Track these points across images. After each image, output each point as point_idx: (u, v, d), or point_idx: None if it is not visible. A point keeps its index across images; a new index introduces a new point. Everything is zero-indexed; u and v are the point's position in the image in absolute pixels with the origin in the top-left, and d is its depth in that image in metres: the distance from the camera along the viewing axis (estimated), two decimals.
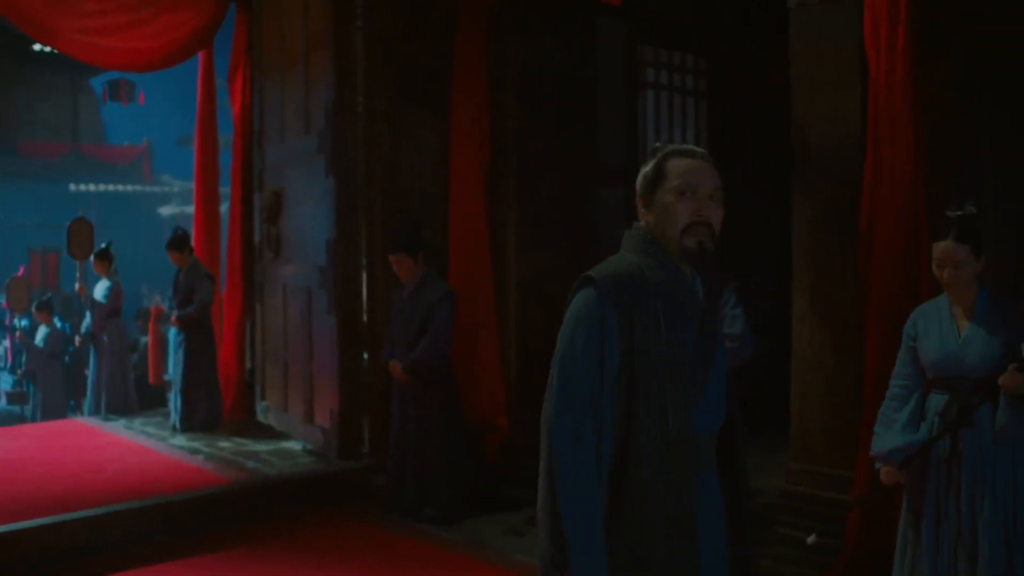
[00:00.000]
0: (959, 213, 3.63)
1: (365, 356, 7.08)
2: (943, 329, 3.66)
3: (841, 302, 5.12)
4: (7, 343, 14.55)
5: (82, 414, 10.56)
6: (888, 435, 3.73)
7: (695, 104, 8.57)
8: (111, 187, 26.01)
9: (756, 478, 4.83)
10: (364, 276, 7.05)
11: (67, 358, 11.92)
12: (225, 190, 9.76)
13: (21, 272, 16.88)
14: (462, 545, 5.65)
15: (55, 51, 8.77)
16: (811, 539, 4.32)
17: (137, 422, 9.03)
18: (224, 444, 7.79)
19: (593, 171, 7.70)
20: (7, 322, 14.95)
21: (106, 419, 9.24)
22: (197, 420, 8.31)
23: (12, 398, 13.23)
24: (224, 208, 9.93)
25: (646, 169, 2.38)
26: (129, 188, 26.58)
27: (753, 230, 8.11)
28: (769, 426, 6.37)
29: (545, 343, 7.30)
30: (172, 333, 8.88)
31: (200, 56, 8.90)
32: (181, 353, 8.32)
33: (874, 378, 4.57)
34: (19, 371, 12.00)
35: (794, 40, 5.37)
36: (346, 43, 6.99)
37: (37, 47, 20.43)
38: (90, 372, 10.03)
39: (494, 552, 5.47)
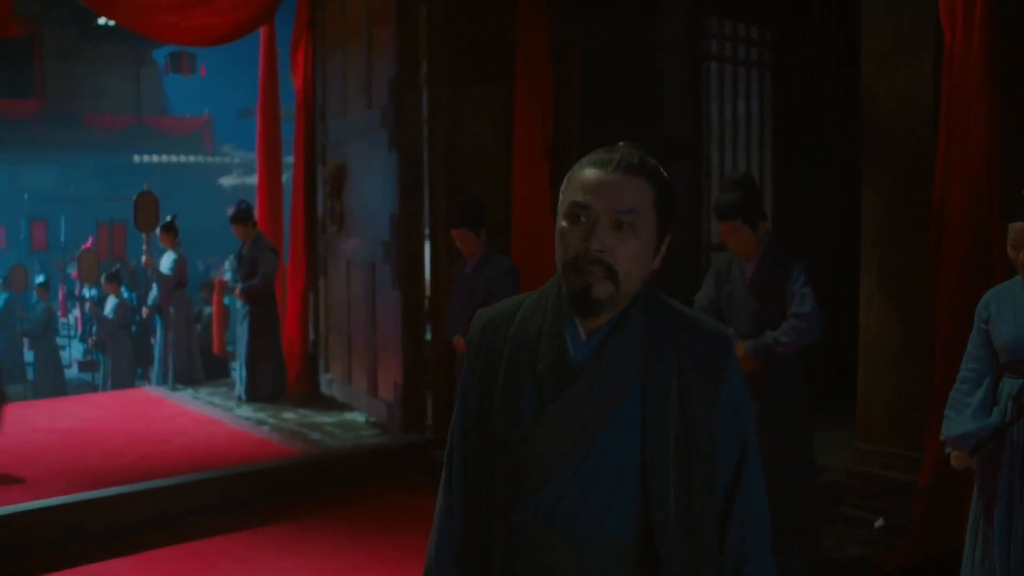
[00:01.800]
0: None
1: (428, 331, 7.12)
2: (1017, 312, 3.56)
3: (910, 280, 5.04)
4: (78, 313, 14.85)
5: (150, 383, 10.77)
6: (959, 419, 3.65)
7: (759, 76, 8.44)
8: (173, 158, 26.33)
9: (821, 456, 4.79)
10: (427, 251, 7.09)
11: (134, 328, 12.15)
12: (287, 160, 9.85)
13: (90, 244, 17.20)
14: None
15: (117, 25, 8.88)
16: (879, 523, 4.29)
17: (203, 392, 9.20)
18: (288, 415, 7.90)
19: (657, 145, 7.63)
20: (77, 292, 15.26)
21: (173, 389, 9.42)
22: (262, 391, 8.43)
23: (83, 366, 13.55)
24: (286, 179, 10.02)
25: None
26: (191, 159, 26.89)
27: (816, 206, 7.99)
28: (834, 404, 6.31)
29: None
30: (237, 304, 9.01)
31: (263, 29, 8.96)
32: (245, 325, 8.44)
33: (944, 358, 4.49)
34: (90, 340, 12.27)
35: (865, 11, 5.26)
36: (409, 17, 6.98)
37: (101, 21, 20.69)
38: (157, 342, 10.23)
39: None
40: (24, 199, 21.96)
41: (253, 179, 16.02)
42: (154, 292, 9.90)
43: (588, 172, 1.71)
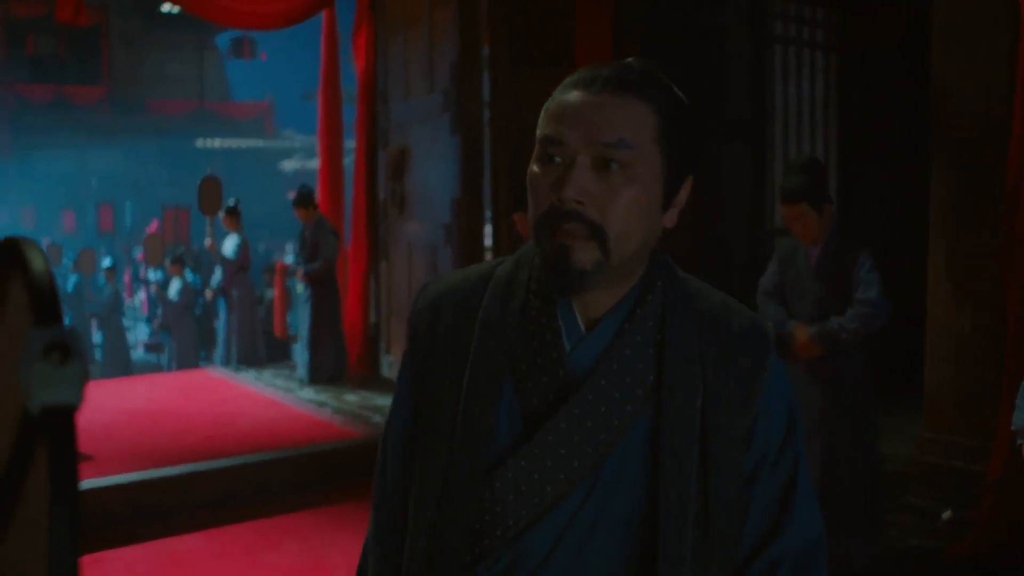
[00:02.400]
0: None
1: None
2: None
3: (981, 265, 4.94)
4: (143, 296, 15.13)
5: (213, 364, 10.94)
6: None
7: (824, 58, 8.31)
8: (235, 142, 26.66)
9: (886, 444, 4.73)
10: (489, 234, 7.10)
11: (198, 311, 12.35)
12: (349, 143, 9.92)
13: (155, 227, 17.50)
14: None
15: (182, 12, 9.00)
16: (946, 515, 4.23)
17: (266, 374, 9.32)
18: (350, 397, 7.97)
19: (719, 128, 7.56)
20: (142, 275, 15.55)
21: (237, 370, 9.56)
22: (323, 373, 8.52)
23: (149, 348, 13.81)
24: (348, 163, 10.10)
25: None
26: (252, 143, 27.20)
27: (882, 189, 7.86)
28: (899, 391, 6.22)
29: None
30: (298, 287, 9.12)
31: (324, 13, 9.02)
32: (307, 308, 8.53)
33: (1016, 346, 4.40)
34: (155, 322, 12.50)
35: None
36: (470, 0, 6.98)
37: (165, 8, 21.00)
38: (220, 324, 10.39)
39: None
40: (92, 184, 22.37)
41: (314, 163, 16.14)
42: (218, 275, 10.05)
43: (566, 95, 1.24)
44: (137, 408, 7.83)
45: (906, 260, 6.17)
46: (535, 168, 1.24)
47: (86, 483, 5.50)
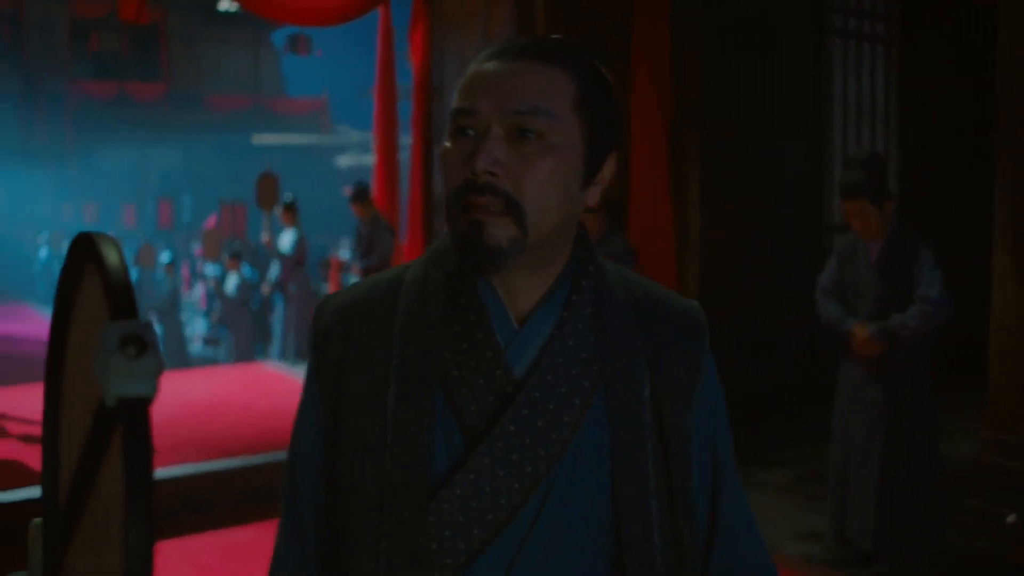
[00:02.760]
0: None
1: None
2: None
3: None
4: (202, 290, 15.34)
5: (269, 358, 11.07)
6: None
7: (885, 52, 8.19)
8: (290, 138, 26.94)
9: (948, 444, 4.66)
10: None
11: (255, 305, 12.49)
12: (404, 139, 9.98)
13: (213, 222, 17.73)
14: None
15: (239, 9, 9.11)
16: (1011, 519, 4.15)
17: None
18: None
19: (777, 123, 7.49)
20: (200, 270, 15.77)
21: (294, 364, 9.66)
22: None
23: (206, 342, 13.99)
24: (402, 158, 10.15)
25: None
26: (307, 139, 27.46)
27: (944, 184, 7.73)
28: (962, 390, 6.11)
29: (727, 297, 7.17)
30: (351, 282, 9.19)
31: (380, 9, 9.07)
32: None
33: None
34: (213, 316, 12.66)
35: None
36: None
37: (222, 6, 21.25)
38: (277, 319, 10.50)
39: None
40: (152, 179, 22.73)
41: (368, 159, 16.23)
42: (274, 270, 10.15)
43: (480, 65, 1.16)
44: (195, 401, 7.94)
45: (969, 256, 6.05)
46: (447, 144, 1.16)
47: None
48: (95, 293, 0.92)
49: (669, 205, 6.81)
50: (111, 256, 0.85)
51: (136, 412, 0.75)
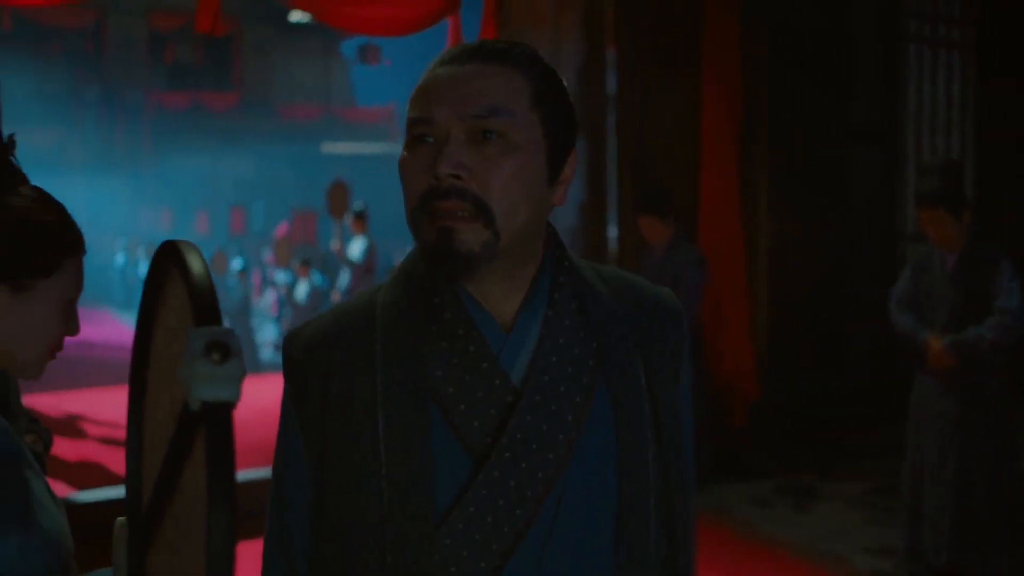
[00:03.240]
0: None
1: None
2: None
3: None
4: (272, 297, 15.57)
5: None
6: None
7: (962, 58, 8.03)
8: (360, 147, 27.21)
9: None
10: (615, 237, 7.09)
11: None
12: None
13: (284, 230, 17.98)
14: (705, 510, 5.61)
15: (309, 21, 9.25)
16: None
17: None
18: None
19: (849, 130, 7.39)
20: (270, 277, 16.00)
21: None
22: None
23: (277, 348, 14.18)
24: None
25: None
26: (376, 148, 27.72)
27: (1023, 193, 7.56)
28: None
29: (798, 308, 7.07)
30: None
31: (449, 19, 9.14)
32: None
33: None
34: (283, 323, 12.84)
35: None
36: (596, 2, 6.99)
37: (294, 17, 21.54)
38: None
39: (739, 521, 5.41)
40: (224, 187, 23.12)
41: None
42: (344, 277, 10.26)
43: (432, 72, 1.14)
44: (266, 406, 8.02)
45: None
46: (404, 154, 1.14)
47: None
48: (179, 299, 0.94)
49: (738, 214, 6.76)
50: (195, 263, 0.88)
51: (220, 416, 0.77)
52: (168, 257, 0.97)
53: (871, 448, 6.53)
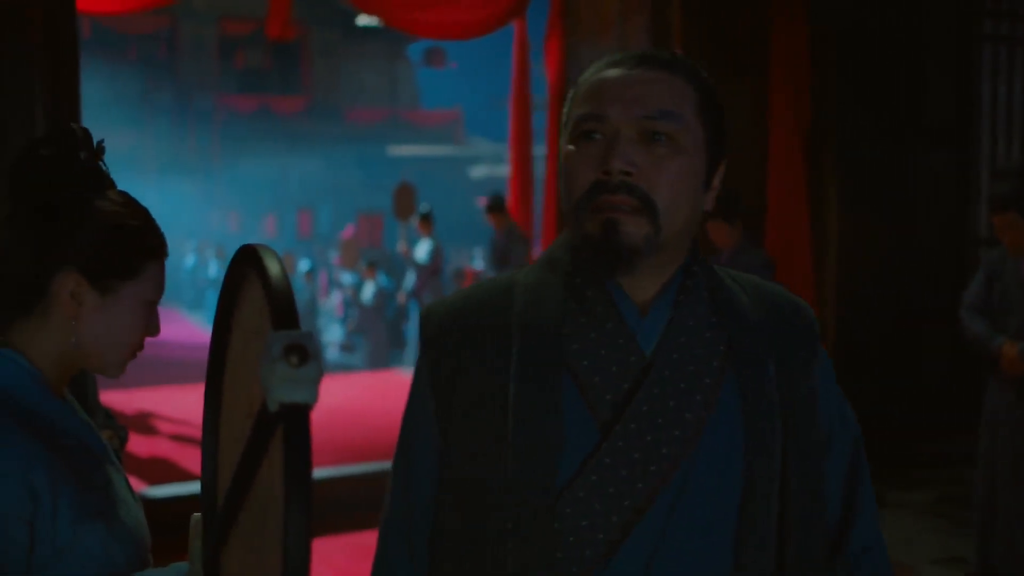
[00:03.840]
0: None
1: None
2: None
3: None
4: (338, 298, 15.74)
5: (404, 365, 11.27)
6: None
7: None
8: (425, 149, 27.36)
9: None
10: None
11: (390, 313, 12.74)
12: (537, 150, 10.05)
13: (351, 232, 18.16)
14: None
15: (376, 25, 9.35)
16: None
17: None
18: None
19: (920, 133, 7.26)
20: (337, 278, 16.17)
21: None
22: None
23: (343, 348, 14.34)
24: (537, 171, 10.23)
25: None
26: (442, 150, 27.84)
27: None
28: None
29: (867, 313, 6.97)
30: None
31: (515, 22, 9.16)
32: None
33: None
34: (349, 324, 12.97)
35: None
36: (662, 5, 6.96)
37: (361, 21, 21.75)
38: (412, 327, 10.69)
39: None
40: (292, 190, 23.38)
41: (501, 170, 16.37)
42: (410, 279, 10.34)
43: (601, 74, 1.20)
44: (333, 406, 8.14)
45: None
46: (571, 148, 1.18)
47: None
48: (256, 302, 0.96)
49: (807, 218, 6.68)
50: (274, 267, 0.90)
51: (298, 418, 0.79)
52: (246, 260, 0.99)
53: (942, 456, 6.40)
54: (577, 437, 1.13)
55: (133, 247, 1.35)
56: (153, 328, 1.40)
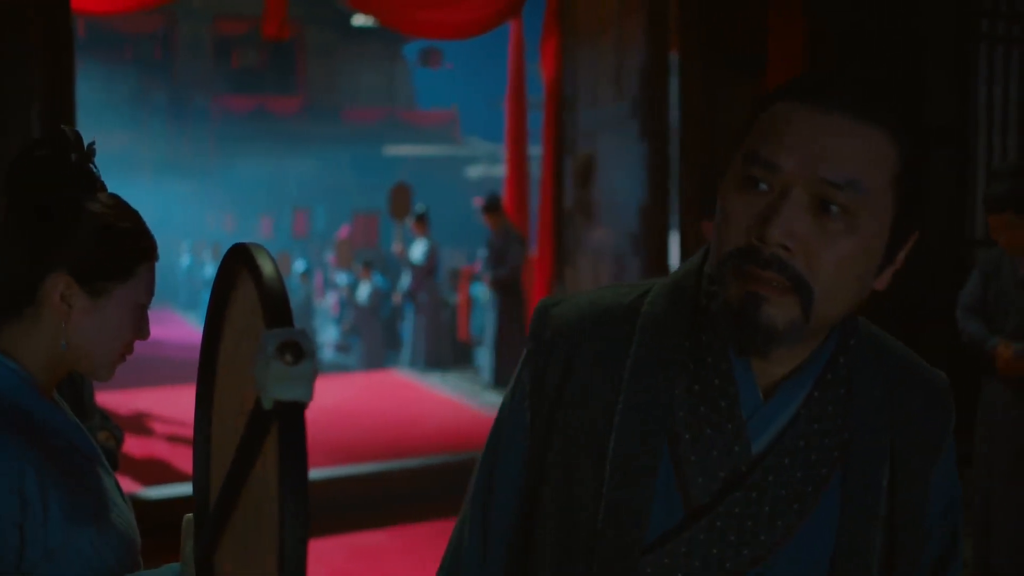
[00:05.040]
0: None
1: None
2: None
3: None
4: (334, 298, 15.73)
5: (399, 366, 11.28)
6: None
7: None
8: (421, 149, 27.33)
9: None
10: (677, 243, 7.05)
11: (386, 313, 12.73)
12: (533, 150, 10.05)
13: (347, 232, 18.15)
14: None
15: (372, 25, 9.35)
16: None
17: (451, 376, 9.52)
18: None
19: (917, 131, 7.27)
20: (332, 278, 16.16)
21: (424, 371, 9.81)
22: (508, 377, 8.65)
23: (338, 348, 14.33)
24: (533, 171, 10.23)
25: None
26: (438, 150, 27.82)
27: None
28: None
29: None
30: (479, 292, 9.30)
31: (511, 22, 9.16)
32: (493, 313, 8.68)
33: None
34: (344, 324, 12.96)
35: None
36: (660, 6, 6.96)
37: (357, 21, 21.75)
38: (407, 327, 10.69)
39: None
40: (288, 190, 23.37)
41: (498, 170, 16.37)
42: (405, 279, 10.34)
43: (790, 107, 1.00)
44: (328, 406, 8.13)
45: None
46: (731, 191, 1.01)
47: None
48: (249, 300, 0.95)
49: None
50: (266, 265, 0.89)
51: (293, 415, 0.78)
52: (238, 259, 0.98)
53: None
54: (664, 506, 1.05)
55: (124, 249, 1.34)
56: (143, 331, 1.39)
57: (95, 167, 1.38)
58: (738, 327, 0.98)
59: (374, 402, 8.41)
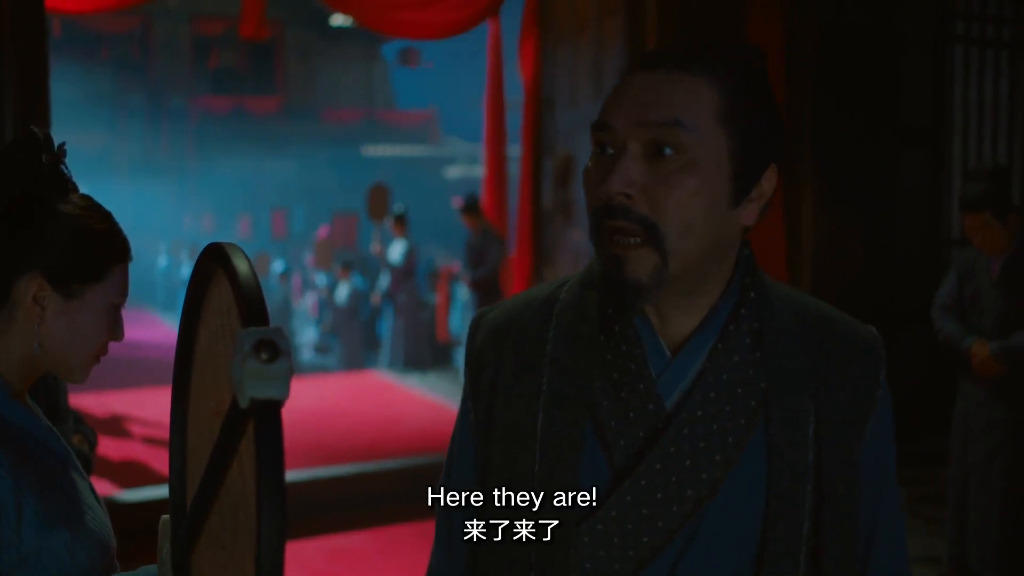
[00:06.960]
0: None
1: None
2: None
3: None
4: (312, 299, 15.69)
5: (378, 366, 11.26)
6: None
7: (1010, 57, 7.91)
8: (400, 150, 27.32)
9: None
10: None
11: (365, 314, 12.71)
12: (511, 150, 10.06)
13: (325, 233, 18.12)
14: None
15: (351, 25, 9.34)
16: None
17: (430, 377, 9.51)
18: None
19: (894, 133, 7.31)
20: (311, 279, 16.12)
21: (403, 372, 9.80)
22: None
23: (317, 350, 14.30)
24: (512, 170, 10.24)
25: None
26: (417, 151, 27.81)
27: None
28: None
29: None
30: (459, 292, 9.30)
31: (489, 23, 9.16)
32: (472, 314, 8.68)
33: None
34: (323, 325, 12.93)
35: None
36: (638, 6, 6.97)
37: (336, 21, 21.72)
38: (386, 328, 10.67)
39: None
40: (266, 191, 23.30)
41: (477, 170, 16.39)
42: (384, 280, 10.32)
43: (628, 77, 1.10)
44: (307, 408, 8.10)
45: None
46: (588, 164, 1.09)
47: None
48: (224, 300, 0.94)
49: (781, 219, 6.71)
50: (242, 265, 0.88)
51: (269, 413, 0.77)
52: (213, 258, 0.97)
53: (915, 456, 6.44)
54: (593, 477, 1.09)
55: (97, 251, 1.33)
56: (117, 333, 1.38)
57: (67, 168, 1.36)
58: (610, 289, 1.06)
59: (353, 403, 8.38)
